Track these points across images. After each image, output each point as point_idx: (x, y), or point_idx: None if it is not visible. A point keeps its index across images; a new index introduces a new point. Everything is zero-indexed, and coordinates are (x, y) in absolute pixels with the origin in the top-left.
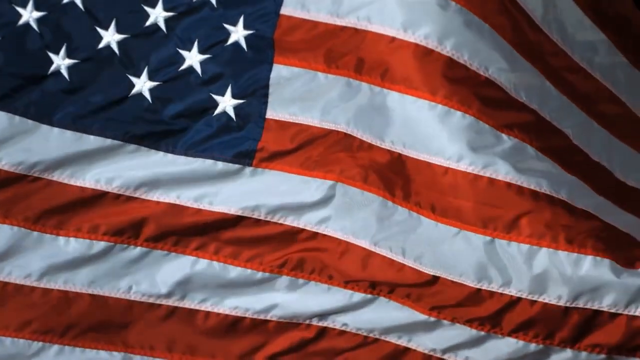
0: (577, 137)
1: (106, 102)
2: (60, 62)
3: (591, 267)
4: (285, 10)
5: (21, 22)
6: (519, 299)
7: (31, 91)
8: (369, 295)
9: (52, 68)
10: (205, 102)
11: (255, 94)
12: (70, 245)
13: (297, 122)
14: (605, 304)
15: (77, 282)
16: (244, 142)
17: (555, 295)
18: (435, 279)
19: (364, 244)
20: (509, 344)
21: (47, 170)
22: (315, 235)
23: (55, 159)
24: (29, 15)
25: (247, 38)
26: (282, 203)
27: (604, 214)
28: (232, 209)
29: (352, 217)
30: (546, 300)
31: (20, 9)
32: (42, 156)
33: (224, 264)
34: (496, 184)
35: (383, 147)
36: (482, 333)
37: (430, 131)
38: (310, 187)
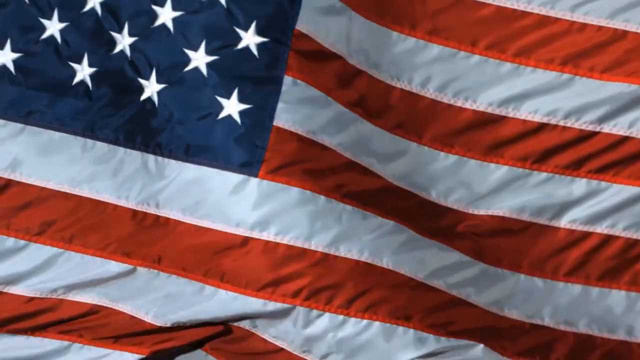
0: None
1: (121, 109)
2: (84, 71)
3: None
4: (300, 26)
5: (46, 35)
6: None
7: (59, 104)
8: (387, 325)
9: (77, 79)
10: (210, 105)
11: (263, 101)
12: (105, 266)
13: (304, 134)
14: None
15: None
16: (249, 151)
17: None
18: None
19: (383, 263)
20: None
21: (77, 186)
22: (326, 256)
23: (82, 173)
24: (53, 27)
25: (259, 45)
26: (292, 222)
27: None
28: (241, 230)
29: (362, 238)
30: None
31: (45, 22)
32: (71, 171)
33: (234, 293)
34: None
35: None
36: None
37: None
38: (319, 206)
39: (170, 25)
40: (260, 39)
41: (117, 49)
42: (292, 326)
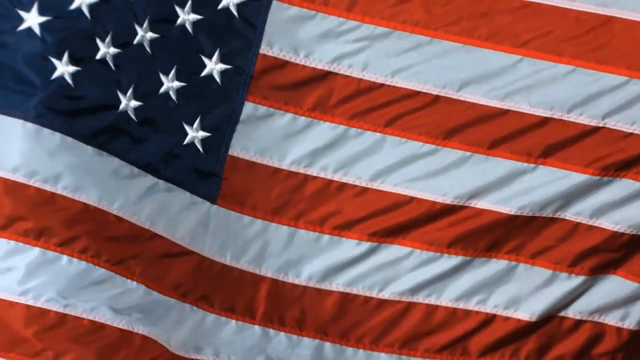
0: None
1: (97, 112)
2: (64, 68)
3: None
4: (264, 50)
5: (23, 27)
6: (494, 316)
7: (36, 98)
8: (338, 346)
9: (56, 74)
10: (178, 130)
11: (221, 129)
12: (73, 265)
13: (260, 162)
14: (571, 311)
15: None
16: (207, 177)
17: (529, 311)
18: (408, 306)
19: (333, 287)
20: None
21: (47, 181)
22: (276, 282)
23: (55, 168)
24: (32, 20)
25: (222, 72)
26: (244, 248)
27: None
28: (205, 251)
29: (314, 261)
30: (519, 317)
31: (23, 13)
32: (41, 165)
33: (203, 310)
34: None
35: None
36: None
37: None
38: (271, 233)
39: (147, 45)
40: (224, 66)
41: (99, 56)
42: None
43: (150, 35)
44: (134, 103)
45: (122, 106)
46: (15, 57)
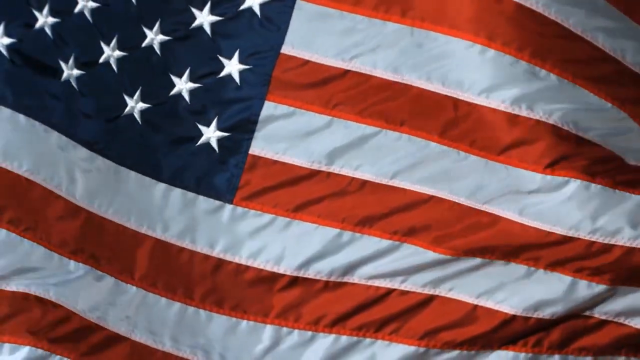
0: None
1: (101, 118)
2: (69, 71)
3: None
4: (285, 49)
5: (37, 26)
6: (514, 316)
7: (45, 98)
8: (355, 338)
9: (63, 77)
10: (189, 131)
11: (241, 129)
12: (80, 269)
13: (281, 160)
14: (596, 312)
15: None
16: (225, 177)
17: (549, 312)
18: (430, 298)
19: (355, 279)
20: (499, 356)
21: (60, 185)
22: (295, 280)
23: (61, 168)
24: (44, 20)
25: (241, 72)
26: (262, 246)
27: None
28: (215, 252)
29: (335, 257)
30: (540, 317)
31: (36, 13)
32: (51, 164)
33: (210, 312)
34: None
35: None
36: (472, 352)
37: None
38: (292, 231)
39: (157, 49)
40: (243, 67)
41: (102, 59)
42: None
43: (161, 38)
44: (141, 105)
45: (127, 109)
46: (29, 58)
